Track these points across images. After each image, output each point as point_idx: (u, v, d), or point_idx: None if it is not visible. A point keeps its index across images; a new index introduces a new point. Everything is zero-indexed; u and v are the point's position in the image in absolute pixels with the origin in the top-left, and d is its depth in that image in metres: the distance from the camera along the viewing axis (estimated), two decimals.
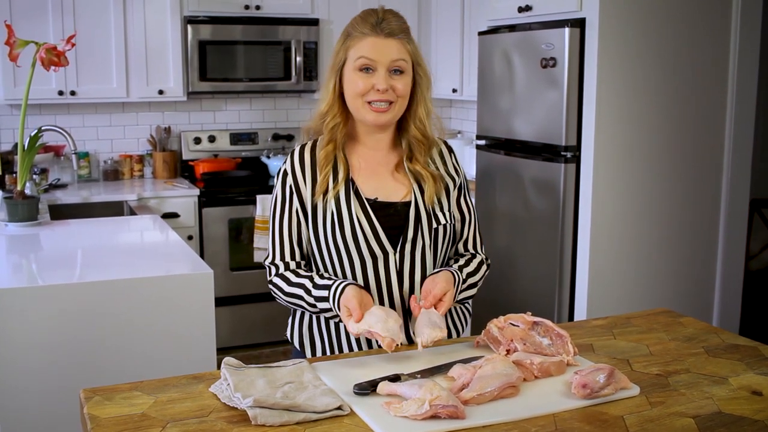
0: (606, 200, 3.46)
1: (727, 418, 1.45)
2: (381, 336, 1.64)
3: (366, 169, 1.90)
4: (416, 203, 1.88)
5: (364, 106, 1.84)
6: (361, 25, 1.84)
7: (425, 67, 1.90)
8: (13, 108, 4.55)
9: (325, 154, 1.87)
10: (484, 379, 1.50)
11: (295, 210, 1.89)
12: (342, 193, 1.85)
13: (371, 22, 1.83)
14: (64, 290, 2.40)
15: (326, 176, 1.86)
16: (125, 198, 4.38)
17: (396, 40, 1.82)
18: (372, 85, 1.81)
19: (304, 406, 1.43)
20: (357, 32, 1.84)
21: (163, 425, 1.40)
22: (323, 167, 1.87)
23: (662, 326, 1.98)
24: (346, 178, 1.87)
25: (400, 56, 1.83)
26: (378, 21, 1.83)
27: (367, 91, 1.82)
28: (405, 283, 1.86)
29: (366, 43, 1.82)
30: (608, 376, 1.51)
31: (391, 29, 1.82)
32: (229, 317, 4.53)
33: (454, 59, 4.73)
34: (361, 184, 1.88)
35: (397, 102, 1.84)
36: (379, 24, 1.82)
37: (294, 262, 1.90)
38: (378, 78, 1.81)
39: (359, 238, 1.83)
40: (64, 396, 2.25)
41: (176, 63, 4.63)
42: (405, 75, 1.84)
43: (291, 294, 1.86)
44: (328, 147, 1.88)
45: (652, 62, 3.45)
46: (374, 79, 1.81)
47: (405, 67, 1.84)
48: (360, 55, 1.82)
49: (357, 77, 1.83)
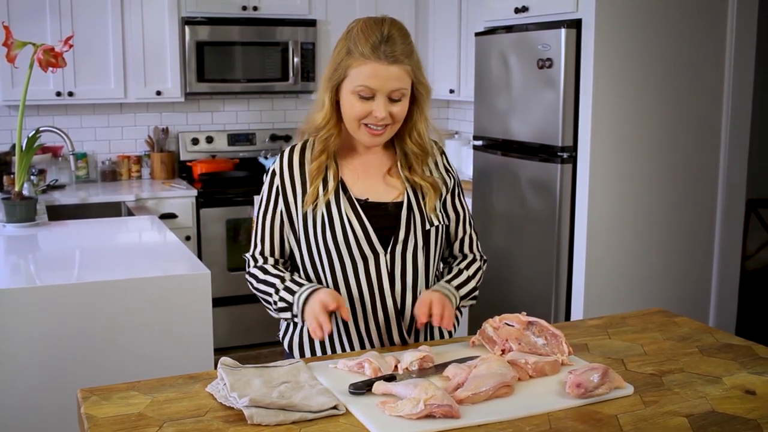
0: (602, 200, 3.47)
1: (721, 417, 1.45)
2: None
3: (357, 171, 1.90)
4: (409, 204, 1.87)
5: (361, 128, 1.81)
6: (363, 44, 1.75)
7: (425, 82, 1.84)
8: (10, 109, 4.54)
9: (317, 165, 1.85)
10: (479, 378, 1.51)
11: (280, 211, 1.89)
12: (332, 194, 1.85)
13: (373, 42, 1.74)
14: (61, 291, 2.41)
15: (317, 188, 1.85)
16: (123, 199, 4.37)
17: (397, 66, 1.75)
18: (370, 111, 1.77)
19: (300, 405, 1.43)
20: (358, 52, 1.75)
21: (159, 425, 1.40)
22: (314, 178, 1.85)
23: (657, 326, 1.99)
24: (335, 181, 1.86)
25: (401, 85, 1.77)
26: (381, 40, 1.74)
27: (365, 117, 1.79)
28: (396, 284, 1.86)
29: (367, 70, 1.74)
30: (602, 375, 1.52)
31: (394, 55, 1.74)
32: (226, 317, 4.53)
33: (451, 60, 4.74)
34: (351, 185, 1.87)
35: (392, 125, 1.82)
36: (382, 45, 1.74)
37: (272, 259, 1.91)
38: (377, 106, 1.76)
39: (350, 238, 1.83)
40: (61, 396, 2.26)
41: (174, 64, 4.63)
42: (404, 99, 1.80)
43: (259, 293, 1.90)
44: (321, 158, 1.86)
45: (649, 63, 3.46)
46: (373, 106, 1.77)
47: (405, 93, 1.79)
48: (360, 83, 1.75)
49: (355, 102, 1.78)
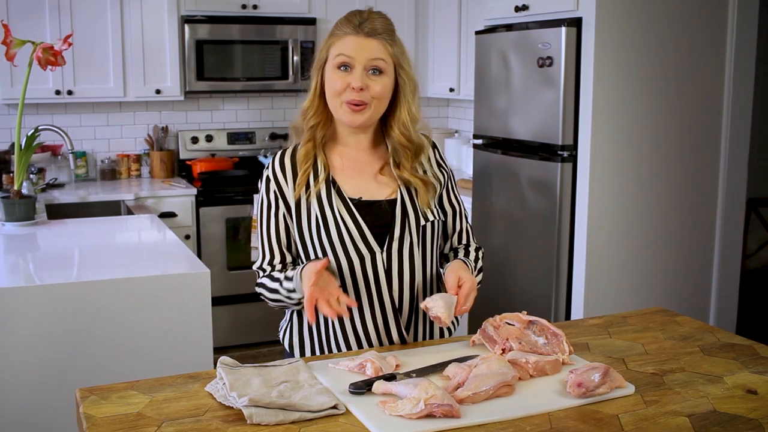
0: (602, 199, 3.46)
1: (722, 417, 1.45)
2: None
3: (348, 169, 1.89)
4: (402, 201, 1.87)
5: (342, 106, 1.82)
6: (343, 24, 1.82)
7: (410, 72, 1.86)
8: (10, 107, 4.54)
9: (305, 151, 1.87)
10: (479, 378, 1.51)
11: (282, 215, 1.89)
12: (324, 193, 1.85)
13: (354, 22, 1.81)
14: (61, 289, 2.40)
15: (306, 173, 1.86)
16: (122, 197, 4.37)
17: (377, 40, 1.80)
18: (348, 83, 1.80)
19: (300, 405, 1.43)
20: (339, 31, 1.82)
21: (158, 424, 1.40)
22: (302, 164, 1.87)
23: (658, 325, 1.98)
24: (326, 178, 1.86)
25: (379, 55, 1.80)
26: (361, 21, 1.81)
27: (344, 90, 1.80)
28: (394, 282, 1.86)
29: (345, 41, 1.80)
30: (603, 374, 1.51)
31: (372, 28, 1.80)
32: (226, 317, 4.53)
33: (451, 58, 4.74)
34: (343, 184, 1.87)
35: (371, 103, 1.81)
36: (361, 22, 1.81)
37: (281, 266, 1.90)
38: (354, 76, 1.79)
39: (345, 238, 1.82)
40: (60, 395, 2.26)
41: (173, 62, 4.63)
42: (384, 76, 1.81)
43: (272, 296, 1.88)
44: (308, 145, 1.88)
45: (649, 61, 3.45)
46: (350, 78, 1.80)
47: (384, 67, 1.81)
48: (338, 53, 1.80)
49: (335, 75, 1.81)
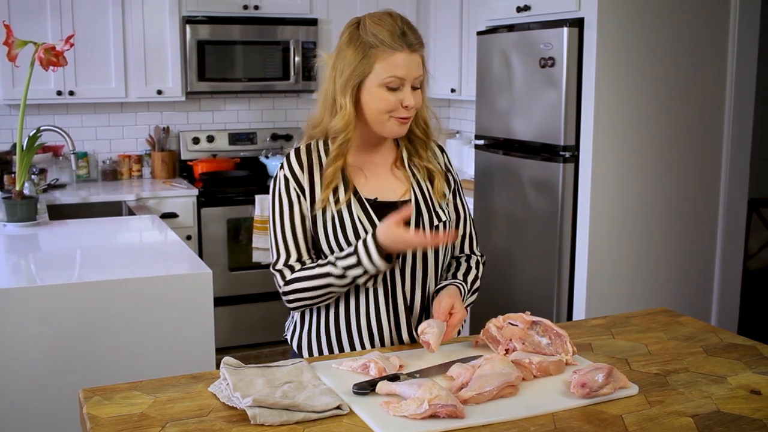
0: (604, 200, 3.46)
1: (726, 417, 1.45)
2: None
3: (364, 170, 1.89)
4: (416, 201, 1.88)
5: (390, 120, 1.82)
6: (386, 38, 1.76)
7: (428, 69, 1.89)
8: (11, 108, 4.54)
9: (333, 171, 1.83)
10: (483, 378, 1.51)
11: (300, 212, 1.85)
12: (342, 195, 1.84)
13: (396, 33, 1.76)
14: (62, 290, 2.40)
15: (328, 194, 1.83)
16: (124, 198, 4.37)
17: (418, 54, 1.80)
18: (400, 101, 1.79)
19: (303, 405, 1.43)
20: (384, 45, 1.76)
21: (162, 425, 1.40)
22: (328, 184, 1.83)
23: (661, 325, 1.98)
24: (348, 191, 1.84)
25: (422, 72, 1.82)
26: (401, 30, 1.77)
27: (395, 108, 1.80)
28: (406, 282, 1.86)
29: (396, 60, 1.76)
30: (607, 375, 1.51)
31: (417, 41, 1.79)
32: (228, 317, 4.53)
33: (452, 59, 4.73)
34: (360, 186, 1.87)
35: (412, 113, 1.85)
36: (404, 34, 1.77)
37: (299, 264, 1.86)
38: (406, 95, 1.79)
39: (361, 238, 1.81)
40: (63, 396, 2.25)
41: (175, 63, 4.62)
42: (423, 86, 1.85)
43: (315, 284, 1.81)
44: (337, 164, 1.84)
45: (651, 62, 3.45)
46: (402, 96, 1.79)
47: (423, 80, 1.84)
48: (390, 74, 1.76)
49: (386, 94, 1.78)
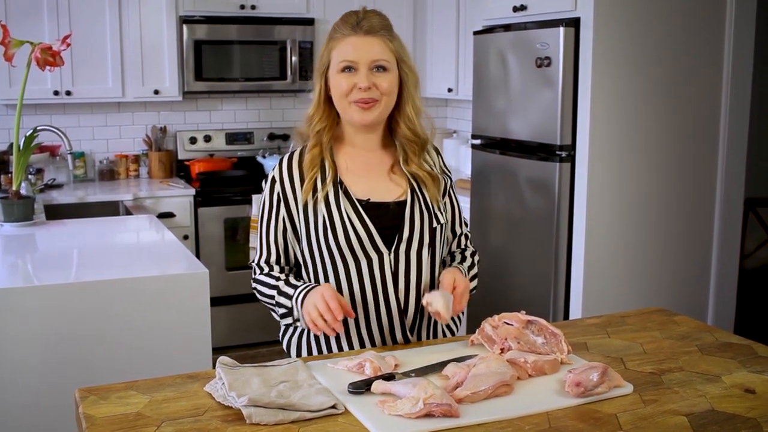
0: (601, 199, 3.47)
1: (720, 416, 1.45)
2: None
3: (357, 170, 1.89)
4: (412, 203, 1.87)
5: (350, 106, 1.83)
6: (341, 27, 1.84)
7: (411, 65, 1.89)
8: (8, 108, 4.53)
9: (311, 157, 1.88)
10: (478, 377, 1.51)
11: (282, 218, 1.90)
12: (331, 195, 1.85)
13: (351, 23, 1.83)
14: (59, 290, 2.40)
15: (313, 178, 1.86)
16: (121, 198, 4.37)
17: (376, 37, 1.82)
18: (354, 84, 1.81)
19: (299, 405, 1.43)
20: (338, 34, 1.84)
21: (158, 424, 1.40)
22: (309, 170, 1.87)
23: (656, 325, 1.98)
24: (334, 180, 1.86)
25: (382, 55, 1.82)
26: (358, 20, 1.83)
27: (350, 91, 1.82)
28: (400, 284, 1.86)
29: (346, 44, 1.82)
30: (601, 374, 1.52)
31: (371, 26, 1.82)
32: (224, 317, 4.53)
33: (449, 59, 4.74)
34: (351, 186, 1.87)
35: (381, 100, 1.83)
36: (359, 23, 1.82)
37: (278, 267, 1.92)
38: (359, 77, 1.81)
39: (352, 239, 1.82)
40: (59, 395, 2.25)
41: (172, 63, 4.62)
42: (389, 72, 1.83)
43: (268, 294, 1.89)
44: (314, 150, 1.88)
45: (647, 61, 3.46)
46: (356, 78, 1.81)
47: (388, 65, 1.83)
48: (342, 58, 1.82)
49: (340, 78, 1.82)
